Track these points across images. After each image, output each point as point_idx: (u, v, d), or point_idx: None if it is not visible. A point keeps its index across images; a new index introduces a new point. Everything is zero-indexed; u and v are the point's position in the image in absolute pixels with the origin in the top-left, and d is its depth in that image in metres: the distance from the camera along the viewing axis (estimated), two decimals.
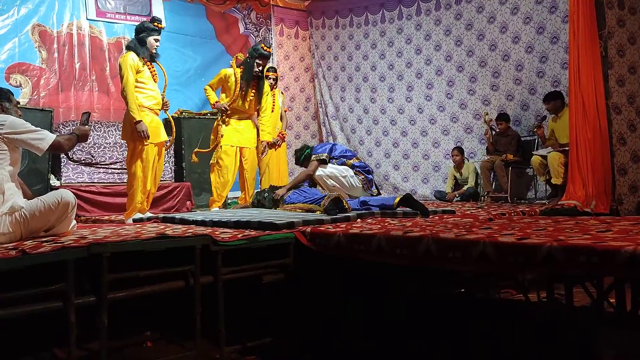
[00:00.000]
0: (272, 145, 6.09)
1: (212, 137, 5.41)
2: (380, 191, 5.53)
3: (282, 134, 6.27)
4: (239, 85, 5.26)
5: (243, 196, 5.49)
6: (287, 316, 3.09)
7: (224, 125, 5.26)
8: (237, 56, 5.46)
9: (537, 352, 2.58)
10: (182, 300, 2.82)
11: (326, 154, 4.80)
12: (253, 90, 5.35)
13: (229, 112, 5.26)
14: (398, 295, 3.35)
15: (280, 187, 4.92)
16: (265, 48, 5.26)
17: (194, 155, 5.38)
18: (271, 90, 6.18)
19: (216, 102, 5.30)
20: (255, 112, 5.54)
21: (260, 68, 5.28)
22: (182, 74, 7.75)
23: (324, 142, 5.15)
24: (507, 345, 2.69)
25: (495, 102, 7.01)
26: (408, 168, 7.99)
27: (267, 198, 4.83)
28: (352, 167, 4.75)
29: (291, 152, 5.48)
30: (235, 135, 5.29)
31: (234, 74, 5.28)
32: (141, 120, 4.47)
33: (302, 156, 5.02)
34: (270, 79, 6.15)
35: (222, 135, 5.22)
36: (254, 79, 5.31)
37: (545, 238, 2.17)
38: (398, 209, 4.09)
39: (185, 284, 2.75)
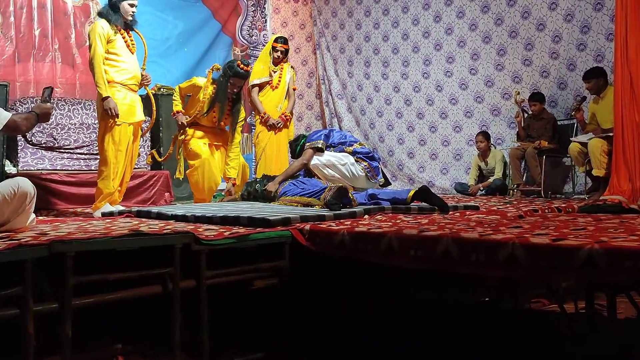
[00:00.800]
0: (272, 127, 6.12)
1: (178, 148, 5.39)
2: (392, 181, 5.53)
3: (285, 115, 6.26)
4: (205, 103, 5.17)
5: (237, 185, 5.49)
6: (281, 328, 3.09)
7: (180, 144, 5.29)
8: (214, 66, 5.31)
9: None
10: (158, 308, 2.82)
11: (322, 141, 4.82)
12: (227, 115, 5.31)
13: (185, 127, 5.23)
14: (411, 303, 3.35)
15: (275, 177, 4.91)
16: (242, 66, 5.16)
17: (149, 158, 5.42)
18: (277, 64, 6.21)
19: (178, 112, 5.26)
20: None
21: (236, 90, 5.22)
22: (160, 43, 7.72)
23: (318, 129, 5.18)
24: None
25: (527, 79, 7.00)
26: (425, 156, 8.00)
27: (259, 189, 4.83)
28: (353, 153, 4.75)
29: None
30: (204, 137, 5.30)
31: (204, 89, 5.19)
32: (109, 97, 4.51)
33: (298, 147, 5.04)
34: (277, 51, 6.18)
35: (184, 135, 5.22)
36: (228, 101, 5.25)
37: (584, 239, 2.16)
38: (412, 203, 4.08)
39: (162, 289, 2.75)
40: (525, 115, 6.70)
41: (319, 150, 4.80)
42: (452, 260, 2.47)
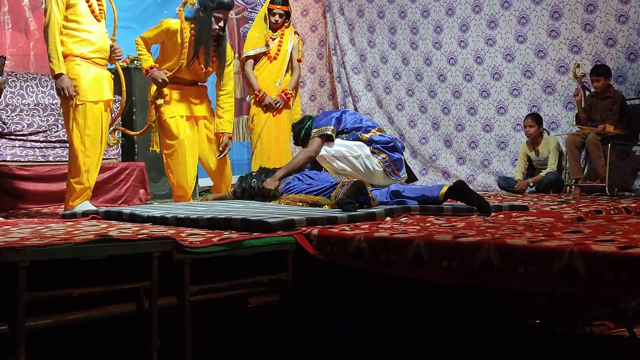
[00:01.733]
0: (269, 107, 6.10)
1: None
2: (422, 175, 5.50)
3: (286, 93, 6.22)
4: (187, 49, 5.05)
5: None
6: (282, 355, 3.10)
7: (157, 112, 5.17)
8: (185, 1, 5.10)
9: None
10: (132, 331, 2.84)
11: (332, 127, 4.79)
12: (214, 58, 5.23)
13: (166, 84, 5.10)
14: (444, 327, 3.35)
15: (275, 170, 4.91)
16: None
17: (114, 135, 5.29)
18: (277, 30, 6.18)
19: (152, 67, 5.11)
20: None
21: (221, 25, 5.11)
22: (133, 5, 7.74)
23: (328, 111, 5.11)
24: None
25: (588, 48, 6.96)
26: (463, 144, 7.98)
27: (257, 185, 4.83)
28: (370, 142, 4.73)
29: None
30: (182, 104, 5.21)
31: (181, 30, 5.05)
32: (62, 74, 4.55)
33: (303, 132, 5.00)
34: (275, 14, 6.16)
35: (157, 108, 5.13)
36: (214, 40, 5.16)
37: None
38: (445, 202, 4.08)
39: (136, 308, 2.76)
40: (587, 93, 6.67)
41: (328, 139, 4.78)
42: (495, 273, 2.46)
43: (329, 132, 4.77)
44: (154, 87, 5.18)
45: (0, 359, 2.48)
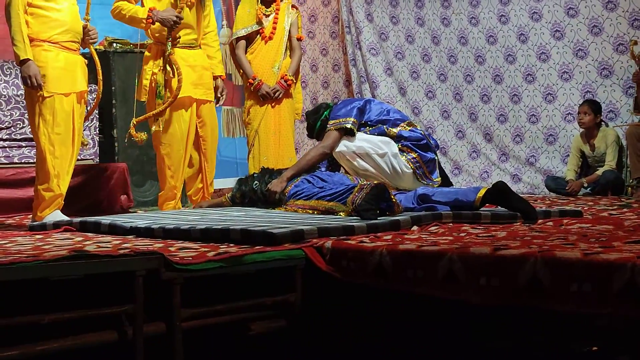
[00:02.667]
0: (266, 97, 6.08)
1: (144, 85, 5.37)
2: (456, 175, 5.49)
3: (286, 79, 6.21)
4: None
5: (200, 186, 5.51)
6: None
7: (171, 63, 5.18)
8: None
9: None
10: None
11: (352, 119, 4.75)
12: None
13: (179, 23, 5.18)
14: (482, 354, 3.35)
15: (281, 170, 4.91)
16: None
17: (133, 130, 5.32)
18: (271, 5, 6.16)
19: (151, 9, 5.18)
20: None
21: None
22: None
23: (349, 99, 5.04)
24: None
25: None
26: (505, 137, 7.96)
27: (259, 189, 4.83)
28: (398, 139, 4.70)
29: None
30: (189, 80, 5.29)
31: None
32: (29, 60, 4.59)
33: (318, 123, 4.98)
34: None
35: (178, 77, 5.17)
36: None
37: None
38: (483, 208, 4.08)
39: (118, 336, 2.78)
40: None
41: (348, 133, 4.76)
42: (543, 292, 2.46)
43: (349, 126, 4.72)
44: (150, 64, 5.36)
45: None
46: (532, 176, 7.68)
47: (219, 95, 5.64)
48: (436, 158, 4.81)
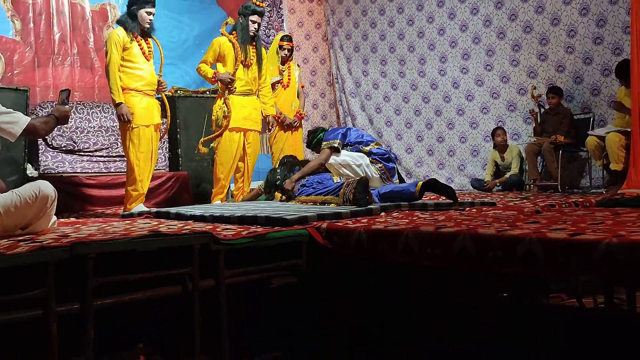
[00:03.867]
0: (289, 126, 6.10)
1: (212, 118, 5.40)
2: (408, 179, 5.49)
3: (300, 114, 6.23)
4: (238, 51, 5.28)
5: (240, 186, 5.51)
6: (299, 326, 3.09)
7: (227, 104, 5.23)
8: (226, 22, 5.50)
9: None
10: (179, 308, 2.84)
11: (339, 141, 4.83)
12: (253, 55, 5.39)
13: (234, 82, 5.25)
14: (428, 300, 3.33)
15: (295, 168, 4.94)
16: (257, 3, 5.35)
17: (200, 146, 5.40)
18: (285, 63, 6.18)
19: (215, 72, 5.30)
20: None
21: (256, 26, 5.36)
22: (178, 46, 7.75)
23: (336, 127, 5.21)
24: (558, 357, 2.67)
25: (543, 74, 6.94)
26: (443, 153, 7.96)
27: (280, 183, 4.94)
28: (369, 154, 4.75)
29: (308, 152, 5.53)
30: (241, 115, 5.30)
31: (228, 40, 5.32)
32: (121, 103, 4.62)
33: (315, 140, 5.07)
34: (284, 49, 6.15)
35: (228, 114, 5.21)
36: (252, 40, 5.38)
37: (602, 234, 2.15)
38: (428, 200, 4.08)
39: (182, 289, 2.77)
40: (542, 110, 6.65)
41: (335, 150, 4.80)
42: (470, 258, 2.46)
43: (336, 145, 4.80)
44: (215, 102, 5.38)
45: (73, 332, 2.49)
46: (462, 179, 7.67)
47: (270, 127, 5.67)
48: (395, 166, 4.86)
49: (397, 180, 4.83)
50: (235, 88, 5.27)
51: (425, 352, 3.00)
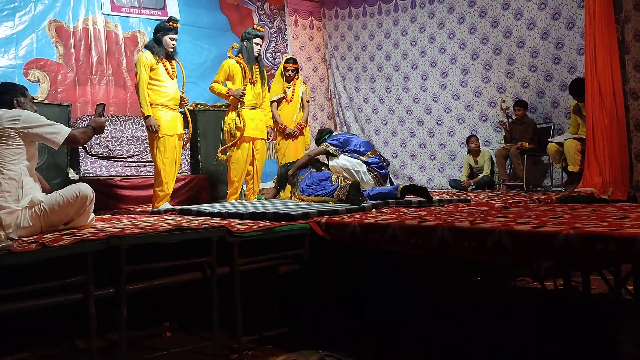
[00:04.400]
0: (289, 135, 6.08)
1: (225, 129, 5.39)
2: (394, 179, 5.49)
3: (300, 125, 6.22)
4: (245, 70, 5.30)
5: (251, 187, 5.50)
6: (303, 306, 3.09)
7: (238, 118, 5.24)
8: (232, 46, 5.51)
9: (553, 341, 2.56)
10: (199, 291, 2.84)
11: (335, 149, 4.85)
12: (257, 73, 5.41)
13: (244, 96, 5.25)
14: (414, 283, 3.33)
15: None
16: (257, 28, 5.47)
17: (219, 154, 5.40)
18: (291, 81, 6.17)
19: (229, 89, 5.30)
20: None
21: (259, 48, 5.40)
22: (197, 67, 7.76)
23: (341, 133, 5.17)
24: (523, 333, 2.67)
25: (510, 89, 6.94)
26: (424, 157, 7.94)
27: (285, 173, 5.04)
28: (366, 163, 4.74)
29: (314, 145, 5.50)
30: (250, 126, 5.30)
31: (236, 61, 5.34)
32: (150, 116, 4.63)
33: (321, 139, 5.12)
34: (288, 70, 6.13)
35: (242, 127, 5.22)
36: (256, 60, 5.41)
37: (561, 226, 2.15)
38: (412, 198, 4.08)
39: (202, 275, 2.77)
40: (509, 120, 6.65)
41: (330, 154, 4.85)
42: (448, 247, 2.46)
43: (331, 151, 4.85)
44: (227, 116, 5.36)
45: (109, 312, 2.49)
46: (441, 180, 7.65)
47: (269, 137, 5.62)
48: (387, 172, 4.84)
49: (388, 184, 4.82)
50: (244, 102, 5.27)
51: (405, 320, 3.00)
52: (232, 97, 5.26)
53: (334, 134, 5.10)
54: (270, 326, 3.04)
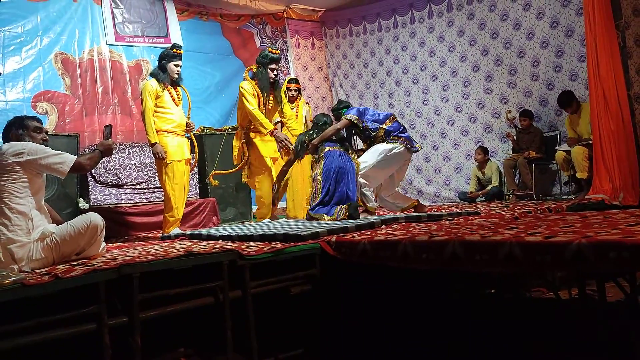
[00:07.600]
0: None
1: (234, 153, 5.37)
2: (404, 194, 5.48)
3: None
4: (261, 97, 5.18)
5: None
6: (317, 327, 3.07)
7: (256, 141, 5.21)
8: (250, 68, 5.36)
9: (571, 351, 2.52)
10: (213, 316, 2.83)
11: (356, 117, 4.73)
12: (271, 99, 5.30)
13: (288, 141, 5.17)
14: (427, 299, 3.31)
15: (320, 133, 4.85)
16: (272, 51, 5.19)
17: (211, 178, 5.36)
18: (294, 101, 6.19)
19: (275, 128, 5.20)
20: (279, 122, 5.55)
21: (275, 73, 5.21)
22: (202, 91, 7.83)
23: (356, 106, 5.00)
24: (540, 344, 2.63)
25: (513, 99, 6.94)
26: (430, 171, 7.93)
27: (308, 139, 4.84)
28: (387, 134, 4.67)
29: None
30: (272, 149, 5.30)
31: (254, 87, 5.17)
32: (156, 143, 4.65)
33: (339, 109, 5.01)
34: (291, 90, 6.16)
35: (252, 156, 5.22)
36: (271, 86, 5.24)
37: (573, 235, 2.12)
38: (421, 213, 4.08)
39: (214, 300, 2.75)
40: (517, 129, 6.64)
41: (354, 124, 4.73)
42: (460, 260, 2.43)
43: (353, 120, 4.71)
44: (236, 141, 5.33)
45: (123, 341, 2.48)
46: (448, 193, 7.64)
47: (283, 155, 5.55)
48: (409, 135, 4.80)
49: (419, 145, 4.81)
50: (289, 150, 5.18)
51: (419, 336, 2.96)
52: (275, 137, 5.15)
53: (349, 108, 4.97)
54: (285, 348, 3.01)
